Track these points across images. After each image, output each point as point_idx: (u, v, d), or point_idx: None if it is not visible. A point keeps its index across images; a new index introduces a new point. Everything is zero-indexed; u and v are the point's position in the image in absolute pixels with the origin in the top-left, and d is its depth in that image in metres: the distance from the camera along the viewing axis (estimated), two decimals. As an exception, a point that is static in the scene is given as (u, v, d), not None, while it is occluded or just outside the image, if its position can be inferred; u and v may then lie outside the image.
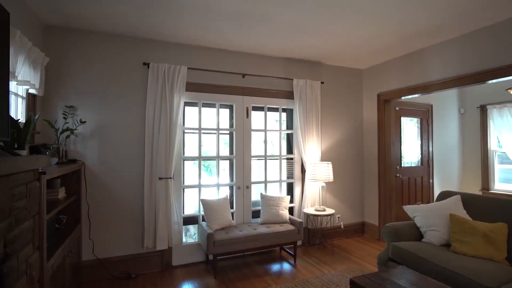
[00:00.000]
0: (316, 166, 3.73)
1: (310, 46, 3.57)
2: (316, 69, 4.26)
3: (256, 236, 3.23)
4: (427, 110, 5.12)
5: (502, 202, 2.61)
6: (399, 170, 4.63)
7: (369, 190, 4.51)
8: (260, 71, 3.87)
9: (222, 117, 3.84)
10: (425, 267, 2.38)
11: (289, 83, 4.03)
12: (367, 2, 2.51)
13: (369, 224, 4.48)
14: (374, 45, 3.58)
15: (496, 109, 5.11)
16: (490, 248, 2.40)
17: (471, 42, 3.19)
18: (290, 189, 4.18)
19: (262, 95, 3.87)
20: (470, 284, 2.06)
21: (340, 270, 3.24)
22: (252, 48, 3.65)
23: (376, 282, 1.90)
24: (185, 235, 4.23)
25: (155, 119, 3.22)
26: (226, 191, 3.79)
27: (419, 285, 1.89)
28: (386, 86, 4.24)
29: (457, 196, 2.89)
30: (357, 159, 4.56)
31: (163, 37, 3.28)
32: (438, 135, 5.26)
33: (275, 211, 3.55)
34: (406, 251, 2.56)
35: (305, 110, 3.97)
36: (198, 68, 3.51)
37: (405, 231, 2.86)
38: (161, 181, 3.20)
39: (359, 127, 4.61)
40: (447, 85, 3.45)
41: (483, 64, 3.07)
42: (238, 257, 3.66)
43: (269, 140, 6.00)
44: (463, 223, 2.55)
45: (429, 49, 3.64)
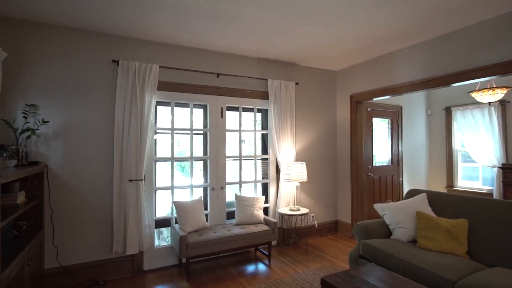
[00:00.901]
0: (291, 166, 3.75)
1: (284, 46, 3.59)
2: (291, 70, 4.30)
3: (230, 238, 3.20)
4: (397, 111, 5.32)
5: (463, 199, 2.75)
6: (370, 169, 4.77)
7: (342, 189, 4.61)
8: (235, 71, 3.84)
9: (196, 117, 3.78)
10: (393, 263, 2.46)
11: (264, 83, 4.03)
12: (337, 5, 2.55)
13: (342, 222, 4.58)
14: (346, 48, 3.66)
15: (460, 110, 5.39)
16: (452, 243, 2.52)
17: (436, 47, 3.34)
18: (265, 190, 4.18)
19: (237, 95, 3.85)
20: (434, 278, 2.15)
21: (313, 269, 3.28)
22: (226, 48, 3.62)
23: (345, 280, 1.94)
24: (157, 238, 4.12)
25: (125, 119, 3.11)
26: (201, 193, 3.73)
27: (386, 281, 1.94)
28: (358, 87, 4.35)
29: (423, 194, 3.02)
30: (330, 158, 4.65)
31: (134, 34, 3.17)
32: (407, 135, 5.48)
33: (250, 212, 3.54)
34: (376, 248, 2.63)
35: (280, 111, 3.99)
36: (171, 66, 3.42)
37: (375, 228, 2.94)
38: (131, 183, 3.09)
39: (332, 128, 4.70)
40: (414, 88, 3.59)
41: (447, 68, 3.23)
42: (212, 259, 3.61)
43: (243, 140, 5.99)
44: (428, 220, 2.67)
45: (398, 53, 3.77)
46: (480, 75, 2.97)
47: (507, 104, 4.80)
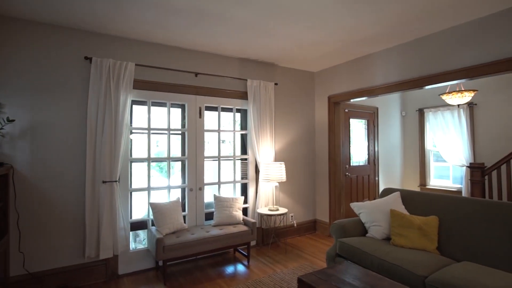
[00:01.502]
0: (270, 166, 3.76)
1: (264, 47, 3.59)
2: (270, 70, 4.31)
3: (209, 239, 3.16)
4: (373, 112, 5.47)
5: (434, 197, 2.87)
6: (348, 169, 4.87)
7: (320, 189, 4.68)
8: (214, 71, 3.81)
9: (174, 117, 3.70)
10: (368, 261, 2.52)
11: (243, 83, 4.02)
12: (314, 7, 2.58)
13: (320, 221, 4.65)
14: (323, 49, 3.71)
15: (432, 112, 5.62)
16: (424, 240, 2.62)
17: (409, 51, 3.46)
18: (244, 190, 4.17)
19: (216, 95, 3.81)
20: (406, 274, 2.22)
21: (292, 268, 3.30)
22: (205, 47, 3.57)
23: (322, 279, 1.96)
24: (134, 241, 4.01)
25: (99, 118, 2.99)
26: (179, 194, 3.66)
27: (361, 279, 1.98)
28: (336, 89, 4.43)
29: (397, 193, 3.12)
30: (309, 159, 4.71)
31: (108, 30, 3.06)
32: (383, 135, 5.65)
33: (229, 213, 3.51)
34: (352, 246, 2.68)
35: (259, 111, 3.99)
36: (147, 65, 3.34)
37: (351, 227, 3.00)
38: (105, 185, 2.98)
39: (311, 128, 4.76)
40: (389, 89, 3.70)
41: (420, 71, 3.35)
42: (190, 261, 3.55)
43: (223, 140, 5.96)
44: (401, 218, 2.75)
45: (374, 55, 3.87)
46: (450, 78, 3.11)
47: (474, 106, 5.05)
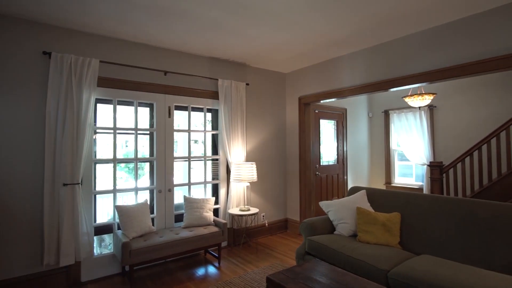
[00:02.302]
0: (241, 167, 3.76)
1: (235, 47, 3.58)
2: (242, 70, 4.31)
3: (178, 241, 3.09)
4: (342, 113, 5.64)
5: (396, 194, 3.01)
6: (318, 168, 4.99)
7: (291, 188, 4.75)
8: (184, 69, 3.73)
9: (142, 116, 3.59)
10: (335, 257, 2.59)
11: (214, 83, 3.98)
12: (283, 9, 2.61)
13: (291, 220, 4.72)
14: (294, 51, 3.77)
15: (396, 113, 5.91)
16: (387, 235, 2.74)
17: (374, 54, 3.61)
18: (215, 191, 4.13)
19: (186, 94, 3.74)
20: (371, 269, 2.31)
21: (263, 268, 3.32)
22: (175, 45, 3.49)
23: (289, 277, 1.98)
24: (99, 246, 3.83)
25: (59, 117, 2.82)
26: (147, 196, 3.55)
27: (328, 275, 2.03)
28: (306, 90, 4.52)
29: (363, 191, 3.23)
30: (280, 158, 4.76)
31: (69, 24, 2.89)
32: (351, 136, 5.85)
33: (199, 214, 3.46)
34: (320, 244, 2.75)
35: (230, 111, 3.97)
36: (113, 62, 3.20)
37: (320, 225, 3.07)
38: (66, 188, 2.82)
39: (282, 128, 4.82)
40: (356, 92, 3.83)
41: (384, 75, 3.50)
42: (159, 264, 3.46)
43: (194, 140, 5.87)
44: (367, 215, 2.86)
45: (342, 58, 4.00)
46: (411, 82, 3.28)
47: (434, 108, 5.38)
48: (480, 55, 2.74)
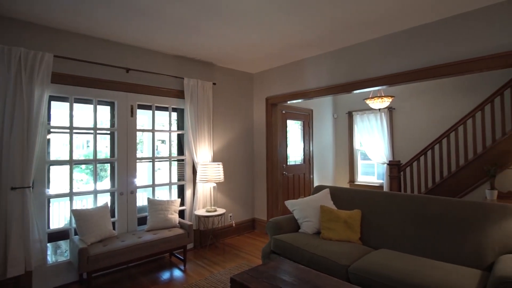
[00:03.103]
0: (207, 167, 3.71)
1: (201, 45, 3.53)
2: (209, 70, 4.26)
3: (141, 245, 2.98)
4: (308, 114, 5.78)
5: (357, 192, 3.14)
6: (285, 168, 5.07)
7: (258, 188, 4.78)
8: (148, 67, 3.61)
9: (102, 115, 3.42)
10: (300, 255, 2.64)
11: (180, 82, 3.89)
12: (249, 9, 2.62)
13: (259, 220, 4.75)
14: (261, 52, 3.79)
15: (359, 115, 6.17)
16: (349, 232, 2.85)
17: (337, 57, 3.74)
18: (181, 192, 4.04)
19: (150, 92, 3.62)
20: (333, 265, 2.39)
21: (229, 268, 3.30)
22: (137, 41, 3.36)
23: (253, 277, 1.99)
24: (54, 254, 3.59)
25: (6, 115, 2.60)
26: (108, 199, 3.38)
27: (291, 273, 2.07)
28: (273, 90, 4.57)
29: (327, 190, 3.34)
30: (248, 158, 4.77)
31: (18, 14, 2.68)
32: (317, 136, 6.01)
33: (164, 216, 3.37)
34: (285, 242, 2.79)
35: (197, 111, 3.91)
36: (69, 57, 3.02)
37: (286, 224, 3.12)
38: (15, 192, 2.60)
39: (249, 128, 4.83)
40: (321, 93, 3.94)
41: (346, 77, 3.64)
42: (121, 270, 3.31)
43: (158, 141, 5.71)
44: (329, 213, 2.95)
45: (307, 60, 4.09)
46: (372, 85, 3.44)
47: (393, 110, 5.69)
48: (431, 62, 2.94)
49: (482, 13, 2.66)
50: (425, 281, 1.92)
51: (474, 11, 2.70)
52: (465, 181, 4.32)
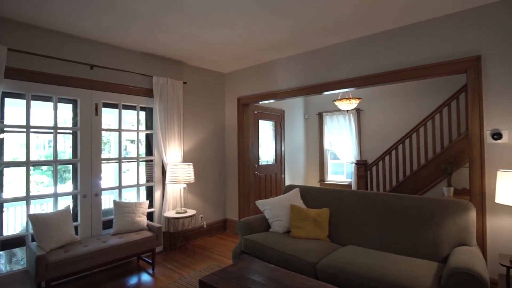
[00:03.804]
0: (177, 168, 3.63)
1: (170, 43, 3.45)
2: (179, 68, 4.17)
3: (106, 250, 2.85)
4: (280, 115, 5.85)
5: (326, 191, 3.22)
6: (257, 168, 5.09)
7: (230, 188, 4.76)
8: (114, 64, 3.47)
9: (63, 113, 3.23)
10: (270, 254, 2.66)
11: (149, 80, 3.78)
12: (219, 9, 2.60)
13: (230, 220, 4.73)
14: (232, 51, 3.78)
15: (329, 116, 6.34)
16: (317, 230, 2.91)
17: (307, 60, 3.82)
18: (150, 193, 3.92)
19: (116, 90, 3.48)
20: (301, 263, 2.43)
21: (199, 270, 3.25)
22: (102, 37, 3.22)
23: (222, 278, 1.98)
24: (8, 262, 3.34)
25: (-49, 113, 2.38)
26: (70, 202, 3.21)
27: (260, 272, 2.08)
28: (245, 91, 4.57)
29: (297, 189, 3.39)
30: (219, 159, 4.74)
31: (-35, 3, 2.46)
32: (289, 136, 6.10)
33: (131, 219, 3.25)
34: (255, 242, 2.80)
35: (166, 110, 3.81)
36: (26, 51, 2.82)
37: (256, 224, 3.13)
38: (-38, 196, 2.39)
39: (221, 128, 4.80)
40: (292, 94, 4.00)
41: (315, 79, 3.72)
42: (84, 277, 3.15)
43: (127, 140, 5.51)
44: (299, 212, 3.01)
45: (278, 61, 4.14)
46: (340, 87, 3.54)
47: (361, 112, 5.91)
48: (395, 66, 3.09)
49: (440, 22, 2.83)
50: (387, 274, 2.01)
51: (433, 20, 2.87)
52: (425, 179, 4.59)
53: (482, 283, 1.74)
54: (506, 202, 2.15)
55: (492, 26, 2.56)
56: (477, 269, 1.78)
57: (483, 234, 2.57)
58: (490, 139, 2.56)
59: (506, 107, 2.50)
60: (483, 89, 2.61)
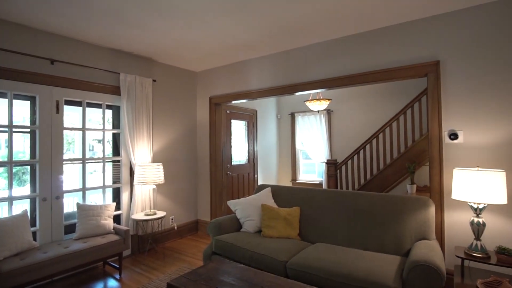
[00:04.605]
0: (146, 168, 3.52)
1: (139, 40, 3.33)
2: (148, 65, 4.04)
3: (67, 256, 2.69)
4: (253, 115, 5.86)
5: (296, 190, 3.27)
6: (229, 168, 5.06)
7: (202, 189, 4.70)
8: (77, 59, 3.29)
9: (21, 111, 3.02)
10: (241, 254, 2.66)
11: (116, 77, 3.63)
12: (189, 6, 2.54)
13: (202, 221, 4.66)
14: (204, 50, 3.72)
15: (301, 116, 6.45)
16: (288, 229, 2.95)
17: (279, 60, 3.85)
18: (117, 195, 3.77)
19: (80, 87, 3.30)
20: (272, 262, 2.45)
21: (169, 273, 3.17)
22: (64, 30, 3.04)
23: (191, 280, 1.94)
24: (-44, 273, 3.05)
25: None
26: (27, 206, 3.00)
27: (230, 273, 2.06)
28: (217, 90, 4.53)
29: (268, 188, 3.41)
30: (191, 159, 4.65)
31: None
32: (261, 136, 6.13)
33: (96, 222, 3.09)
34: (226, 242, 2.78)
35: (135, 108, 3.68)
36: (-25, 42, 2.59)
37: (228, 224, 3.11)
38: None
39: (192, 128, 4.72)
40: (264, 94, 4.02)
41: (287, 80, 3.77)
42: (44, 285, 2.95)
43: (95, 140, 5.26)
44: (270, 211, 3.02)
45: (251, 61, 4.14)
46: (311, 88, 3.60)
47: (331, 112, 6.07)
48: (362, 68, 3.20)
49: (403, 28, 2.97)
50: (353, 270, 2.08)
51: (397, 25, 3.01)
52: (391, 177, 4.80)
53: (439, 274, 1.85)
54: (461, 198, 2.30)
55: (450, 34, 2.73)
56: (435, 262, 1.89)
57: (442, 228, 2.73)
58: (447, 139, 2.73)
59: (462, 110, 2.68)
60: (441, 92, 2.77)
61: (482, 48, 2.59)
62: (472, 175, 2.24)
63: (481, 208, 2.28)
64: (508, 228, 2.46)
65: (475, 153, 2.61)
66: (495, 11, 2.54)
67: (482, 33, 2.58)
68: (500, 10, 2.51)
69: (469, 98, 2.65)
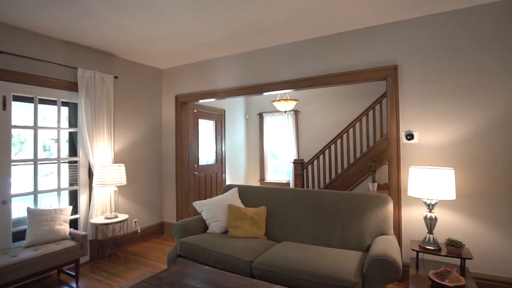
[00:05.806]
0: (106, 169, 3.34)
1: (99, 33, 3.14)
2: (109, 61, 3.84)
3: (15, 266, 2.47)
4: (221, 114, 5.80)
5: (263, 189, 3.28)
6: (196, 168, 4.97)
7: (167, 190, 4.56)
8: (28, 52, 3.03)
9: (-41, 106, 2.72)
10: (206, 256, 2.60)
11: (73, 72, 3.40)
12: (153, 2, 2.46)
13: (168, 223, 4.52)
14: (168, 46, 3.61)
15: (269, 116, 6.51)
16: (255, 228, 2.95)
17: (247, 60, 3.84)
18: (74, 198, 3.53)
19: (32, 82, 3.05)
20: (238, 262, 2.43)
21: (132, 279, 3.04)
22: (13, 19, 2.78)
23: (153, 285, 1.86)
24: None
25: None
26: (-33, 211, 2.71)
27: (194, 275, 2.01)
28: (183, 88, 4.42)
29: (235, 189, 3.39)
30: (155, 159, 4.50)
31: None
32: (230, 136, 6.09)
33: (49, 228, 2.87)
34: (191, 244, 2.71)
35: (94, 106, 3.48)
36: None
37: (193, 226, 3.04)
38: None
39: (158, 127, 4.56)
40: (231, 93, 3.99)
41: (255, 80, 3.77)
42: (-12, 298, 2.69)
43: (51, 140, 4.91)
44: (237, 211, 3.00)
45: (218, 60, 4.09)
46: (278, 88, 3.64)
47: (298, 113, 6.19)
48: (326, 71, 3.29)
49: (365, 33, 3.10)
50: (316, 267, 2.12)
51: (359, 30, 3.13)
52: (354, 176, 5.00)
53: (395, 267, 1.95)
54: (415, 195, 2.44)
55: (407, 40, 2.89)
56: (392, 256, 1.99)
57: (399, 224, 2.89)
58: (404, 139, 2.89)
59: (417, 111, 2.85)
60: (399, 95, 2.93)
61: (435, 54, 2.77)
62: (425, 173, 2.39)
63: (433, 204, 2.43)
64: (457, 222, 2.66)
65: (428, 152, 2.79)
66: (448, 20, 2.73)
67: (436, 40, 2.77)
68: (453, 20, 2.71)
69: (423, 101, 2.82)
